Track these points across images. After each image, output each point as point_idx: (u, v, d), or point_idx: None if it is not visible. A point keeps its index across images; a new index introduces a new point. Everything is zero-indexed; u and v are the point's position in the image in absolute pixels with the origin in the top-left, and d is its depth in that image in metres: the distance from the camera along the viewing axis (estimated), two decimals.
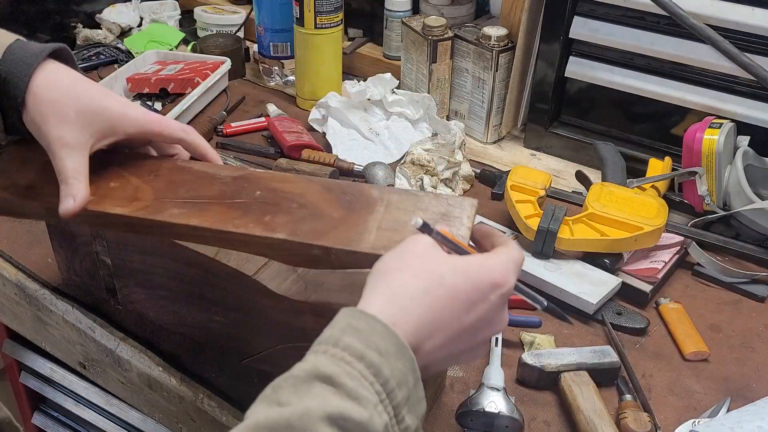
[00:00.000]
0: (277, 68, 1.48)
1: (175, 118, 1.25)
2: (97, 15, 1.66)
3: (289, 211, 0.66)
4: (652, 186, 1.06)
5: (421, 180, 1.02)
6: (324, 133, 1.29)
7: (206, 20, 1.61)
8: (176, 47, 1.60)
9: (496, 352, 0.83)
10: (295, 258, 0.66)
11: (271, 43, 1.46)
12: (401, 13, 1.38)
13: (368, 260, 0.60)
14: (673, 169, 1.10)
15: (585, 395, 0.77)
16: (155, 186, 0.70)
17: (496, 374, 0.79)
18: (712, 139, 1.01)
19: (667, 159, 1.12)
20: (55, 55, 0.68)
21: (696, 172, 1.03)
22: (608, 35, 1.13)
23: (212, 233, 0.66)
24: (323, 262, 0.64)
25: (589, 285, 0.92)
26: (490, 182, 1.18)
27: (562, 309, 0.92)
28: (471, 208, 0.65)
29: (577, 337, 0.89)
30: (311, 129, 1.32)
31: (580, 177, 1.13)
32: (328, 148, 1.25)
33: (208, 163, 0.74)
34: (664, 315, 0.92)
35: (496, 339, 0.85)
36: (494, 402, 0.75)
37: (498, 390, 0.76)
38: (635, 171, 1.10)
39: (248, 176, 0.71)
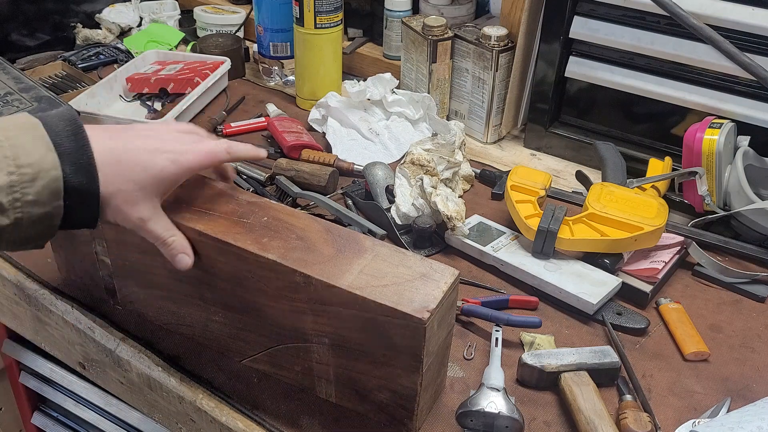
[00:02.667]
0: (276, 68, 1.48)
1: (175, 118, 1.25)
2: (97, 15, 1.66)
3: (286, 239, 0.72)
4: (653, 186, 1.06)
5: (421, 180, 1.02)
6: (324, 133, 1.29)
7: (206, 20, 1.61)
8: (176, 47, 1.60)
9: (496, 352, 0.83)
10: (279, 281, 0.71)
11: (270, 43, 1.46)
12: (401, 13, 1.38)
13: (344, 296, 0.67)
14: (673, 169, 1.10)
15: (585, 395, 0.77)
16: (178, 193, 0.76)
17: (496, 374, 0.79)
18: (712, 139, 1.01)
19: (667, 159, 1.12)
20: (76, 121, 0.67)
21: (696, 172, 1.02)
22: (608, 35, 1.13)
23: (213, 241, 0.73)
24: (303, 290, 0.70)
25: (589, 285, 0.92)
26: (490, 182, 1.18)
27: (562, 309, 0.93)
28: (451, 277, 0.70)
29: (577, 337, 0.89)
30: (311, 129, 1.32)
31: (580, 177, 1.13)
32: (327, 148, 1.25)
33: (231, 185, 0.81)
34: (664, 315, 0.92)
35: (496, 339, 0.85)
36: (494, 402, 0.75)
37: (498, 390, 0.76)
38: (635, 171, 1.10)
39: (261, 203, 0.78)
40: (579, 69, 1.19)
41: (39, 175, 0.60)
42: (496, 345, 0.84)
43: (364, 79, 1.34)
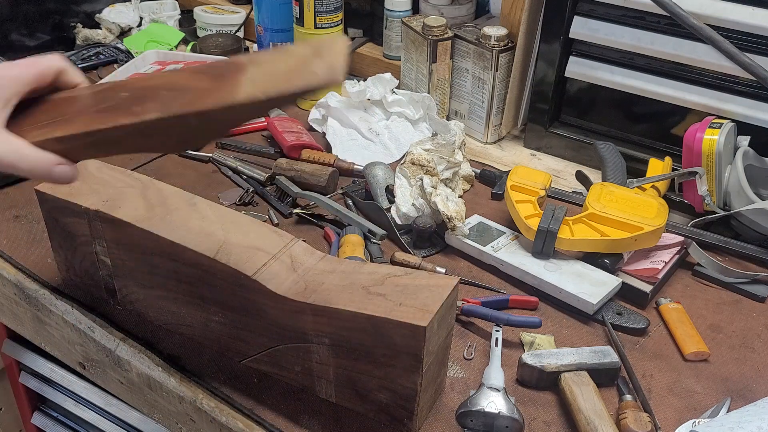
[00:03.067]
0: None
1: None
2: (97, 15, 1.66)
3: (157, 98, 0.63)
4: (653, 186, 1.06)
5: (421, 180, 1.02)
6: (324, 133, 1.29)
7: (206, 20, 1.61)
8: (176, 47, 1.60)
9: (496, 352, 0.83)
10: (173, 137, 0.64)
11: (271, 43, 1.46)
12: (401, 13, 1.38)
13: (246, 110, 0.60)
14: (673, 169, 1.10)
15: (585, 395, 0.77)
16: (18, 116, 0.66)
17: (496, 374, 0.79)
18: (712, 139, 1.01)
19: (667, 159, 1.12)
20: None
21: (696, 172, 1.02)
22: (608, 35, 1.13)
23: (79, 138, 0.64)
24: (203, 131, 0.63)
25: (589, 285, 0.92)
26: (490, 182, 1.18)
27: (562, 309, 0.93)
28: (345, 46, 0.61)
29: (577, 337, 0.89)
30: (311, 129, 1.32)
31: (580, 177, 1.13)
32: (327, 148, 1.25)
33: (68, 90, 0.70)
34: (664, 315, 0.92)
35: (496, 339, 0.85)
36: (494, 402, 0.75)
37: (498, 390, 0.76)
38: (635, 171, 1.10)
39: (112, 86, 0.67)
40: (579, 69, 1.19)
41: None
42: (496, 345, 0.84)
43: (364, 79, 1.34)
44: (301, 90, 0.58)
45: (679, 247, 1.00)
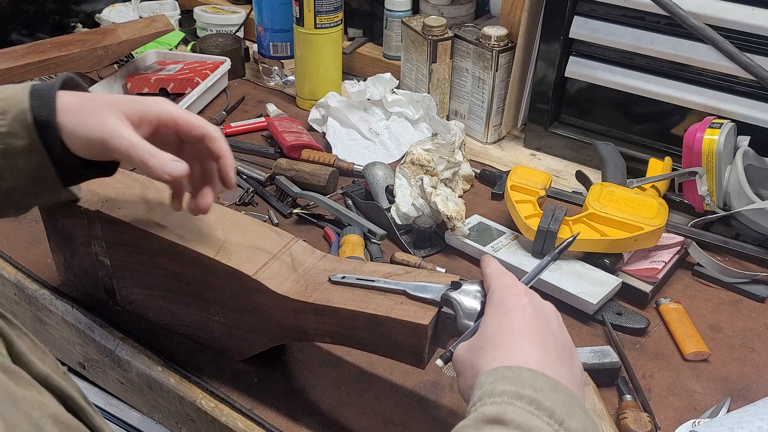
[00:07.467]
0: (276, 68, 1.48)
1: None
2: (97, 15, 1.66)
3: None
4: (653, 186, 1.06)
5: (421, 180, 1.02)
6: (324, 133, 1.29)
7: (206, 20, 1.61)
8: (176, 47, 1.60)
9: None
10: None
11: (270, 43, 1.46)
12: (401, 13, 1.38)
13: None
14: (673, 169, 1.10)
15: (585, 395, 0.77)
16: None
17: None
18: (712, 139, 1.01)
19: (667, 159, 1.12)
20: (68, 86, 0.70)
21: (696, 172, 1.02)
22: (608, 35, 1.13)
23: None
24: None
25: (589, 285, 0.92)
26: (490, 182, 1.18)
27: (562, 309, 0.92)
28: None
29: (577, 337, 0.89)
30: (311, 129, 1.32)
31: (580, 177, 1.13)
32: (327, 148, 1.25)
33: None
34: (664, 315, 0.92)
35: None
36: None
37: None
38: (635, 171, 1.10)
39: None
40: (579, 69, 1.19)
41: (8, 108, 0.65)
42: None
43: (364, 79, 1.34)
44: None
45: (679, 247, 1.00)
